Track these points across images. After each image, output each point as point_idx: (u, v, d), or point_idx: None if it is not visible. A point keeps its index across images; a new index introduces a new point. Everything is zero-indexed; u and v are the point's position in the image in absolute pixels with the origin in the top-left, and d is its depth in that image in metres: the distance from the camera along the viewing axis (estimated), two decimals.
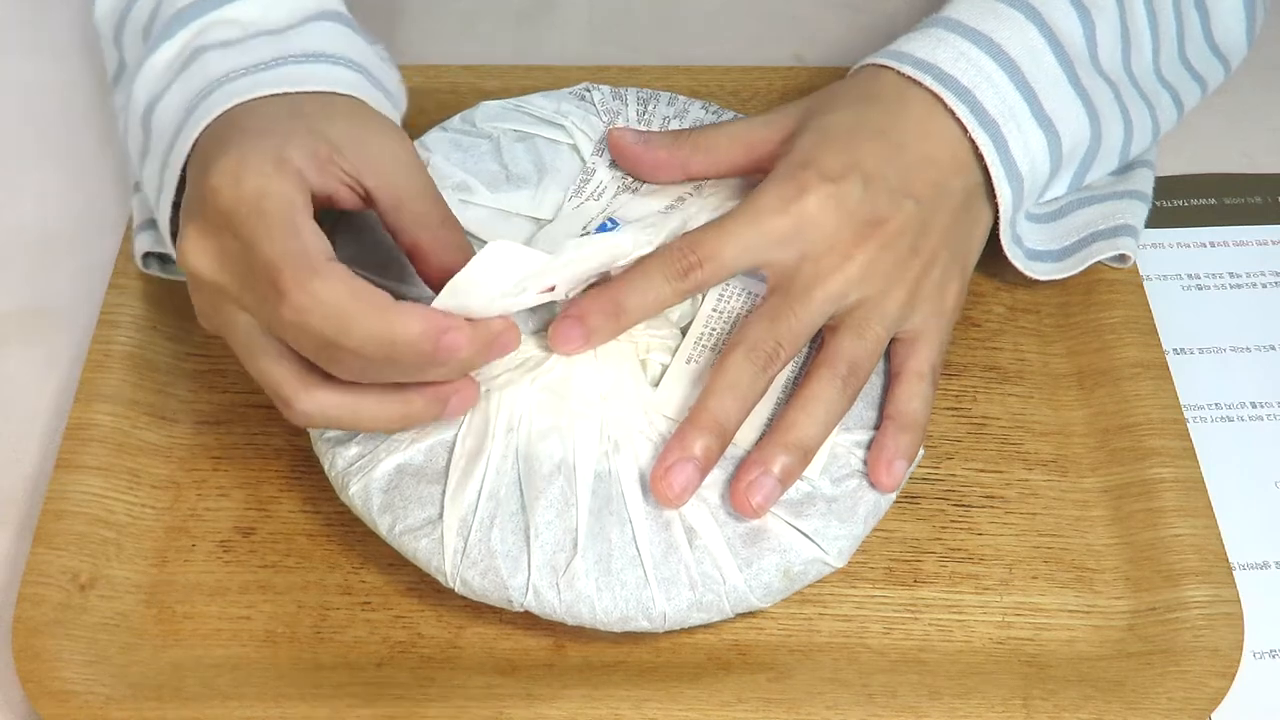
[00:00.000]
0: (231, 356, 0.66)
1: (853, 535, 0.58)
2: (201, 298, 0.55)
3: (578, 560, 0.55)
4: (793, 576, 0.57)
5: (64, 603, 0.58)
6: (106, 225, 0.72)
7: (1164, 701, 0.56)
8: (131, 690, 0.56)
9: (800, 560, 0.57)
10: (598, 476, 0.57)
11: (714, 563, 0.56)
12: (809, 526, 0.57)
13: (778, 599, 0.57)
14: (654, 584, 0.55)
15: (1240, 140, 0.77)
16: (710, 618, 0.56)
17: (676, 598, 0.55)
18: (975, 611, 0.59)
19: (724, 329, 0.60)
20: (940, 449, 0.64)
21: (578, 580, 0.55)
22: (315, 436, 0.59)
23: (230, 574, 0.60)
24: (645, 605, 0.55)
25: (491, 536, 0.56)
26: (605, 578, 0.55)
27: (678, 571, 0.56)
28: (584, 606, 0.55)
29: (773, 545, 0.56)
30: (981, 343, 0.67)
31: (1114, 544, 0.61)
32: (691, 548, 0.56)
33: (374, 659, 0.58)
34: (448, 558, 0.56)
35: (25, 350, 0.68)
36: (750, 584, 0.56)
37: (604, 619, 0.55)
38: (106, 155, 0.75)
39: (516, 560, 0.55)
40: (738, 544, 0.56)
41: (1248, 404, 0.67)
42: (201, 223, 0.53)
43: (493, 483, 0.56)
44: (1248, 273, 0.72)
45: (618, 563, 0.55)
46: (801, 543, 0.57)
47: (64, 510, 0.60)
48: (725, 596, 0.56)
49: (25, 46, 0.81)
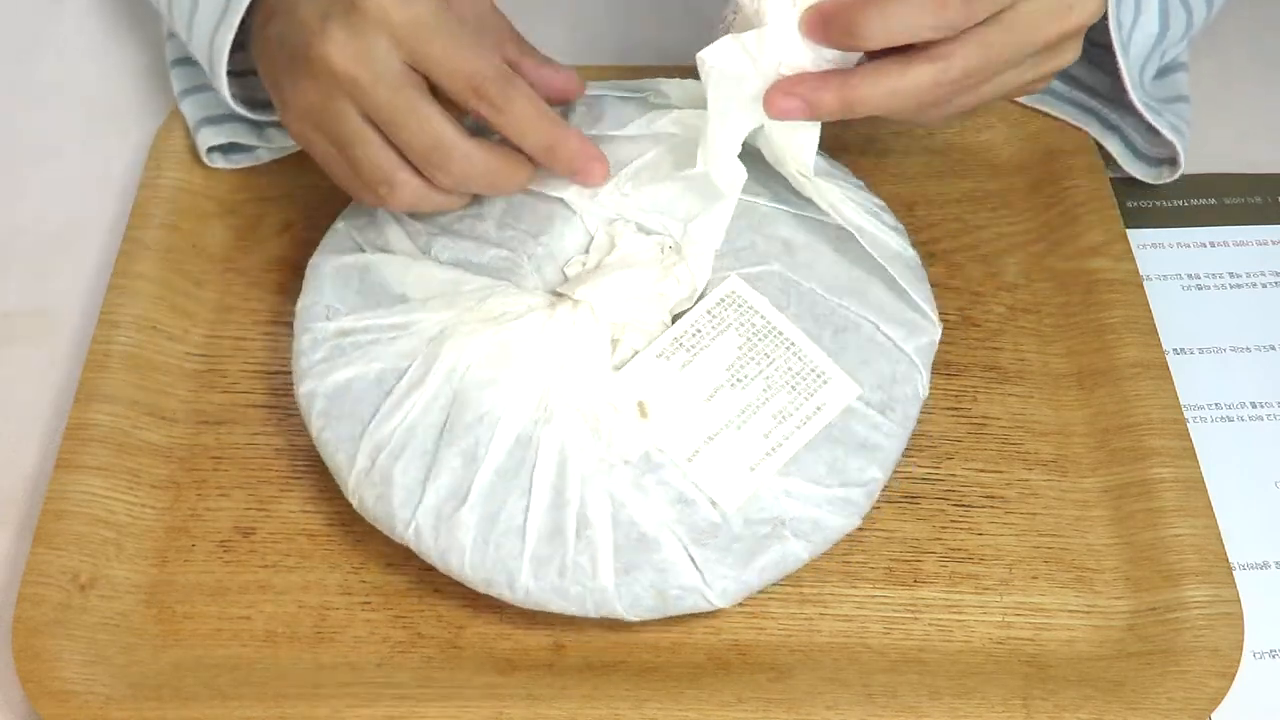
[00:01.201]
0: (231, 356, 0.66)
1: (741, 581, 0.56)
2: (313, 92, 0.58)
3: (464, 511, 0.56)
4: (667, 599, 0.56)
5: (64, 603, 0.58)
6: (106, 225, 0.72)
7: (1164, 701, 0.56)
8: (131, 690, 0.56)
9: (678, 585, 0.56)
10: (518, 440, 0.57)
11: (592, 558, 0.56)
12: (700, 556, 0.56)
13: (647, 616, 0.56)
14: (526, 559, 0.56)
15: (1240, 140, 0.77)
16: (569, 609, 0.56)
17: (543, 579, 0.56)
18: (975, 611, 0.59)
19: (708, 338, 0.60)
20: (940, 449, 0.64)
21: (458, 530, 0.56)
22: (299, 332, 0.62)
23: (230, 574, 0.60)
24: (511, 575, 0.56)
25: (396, 466, 0.57)
26: (484, 537, 0.56)
27: (553, 554, 0.56)
28: (455, 557, 0.56)
29: (658, 562, 0.56)
30: (981, 343, 0.67)
31: (1114, 544, 0.61)
32: (577, 537, 0.56)
33: (374, 659, 0.58)
34: (353, 473, 0.58)
35: (25, 350, 0.68)
36: (620, 590, 0.56)
37: (470, 575, 0.56)
38: (107, 155, 0.75)
39: (410, 494, 0.57)
40: (626, 548, 0.56)
41: (1248, 404, 0.67)
42: (353, 24, 0.57)
43: (415, 418, 0.58)
44: (1248, 273, 0.72)
45: (501, 527, 0.56)
46: (688, 569, 0.56)
47: (64, 510, 0.60)
48: (590, 594, 0.56)
49: (26, 47, 0.81)
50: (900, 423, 0.60)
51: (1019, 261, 0.70)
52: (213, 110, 0.71)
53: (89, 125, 0.77)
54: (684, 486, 0.57)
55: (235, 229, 0.71)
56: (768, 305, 0.60)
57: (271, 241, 0.70)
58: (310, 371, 0.60)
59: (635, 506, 0.56)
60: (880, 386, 0.60)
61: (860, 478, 0.58)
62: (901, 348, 0.61)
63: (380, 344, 0.60)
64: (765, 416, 0.58)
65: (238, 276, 0.69)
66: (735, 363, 0.59)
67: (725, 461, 0.57)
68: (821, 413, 0.59)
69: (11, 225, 0.73)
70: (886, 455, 0.59)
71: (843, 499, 0.57)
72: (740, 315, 0.60)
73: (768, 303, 0.61)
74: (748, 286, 0.61)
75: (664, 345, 0.59)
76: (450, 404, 0.58)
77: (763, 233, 0.63)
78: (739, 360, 0.59)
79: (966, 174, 0.73)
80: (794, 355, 0.60)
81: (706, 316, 0.60)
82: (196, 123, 0.71)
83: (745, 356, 0.59)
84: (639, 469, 0.57)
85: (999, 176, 0.73)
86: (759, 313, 0.60)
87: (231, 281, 0.69)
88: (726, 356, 0.59)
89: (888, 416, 0.59)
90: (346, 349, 0.60)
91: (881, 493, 0.61)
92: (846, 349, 0.60)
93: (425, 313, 0.60)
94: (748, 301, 0.61)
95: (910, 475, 0.63)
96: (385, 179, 0.60)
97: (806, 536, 0.57)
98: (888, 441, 0.59)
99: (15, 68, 0.80)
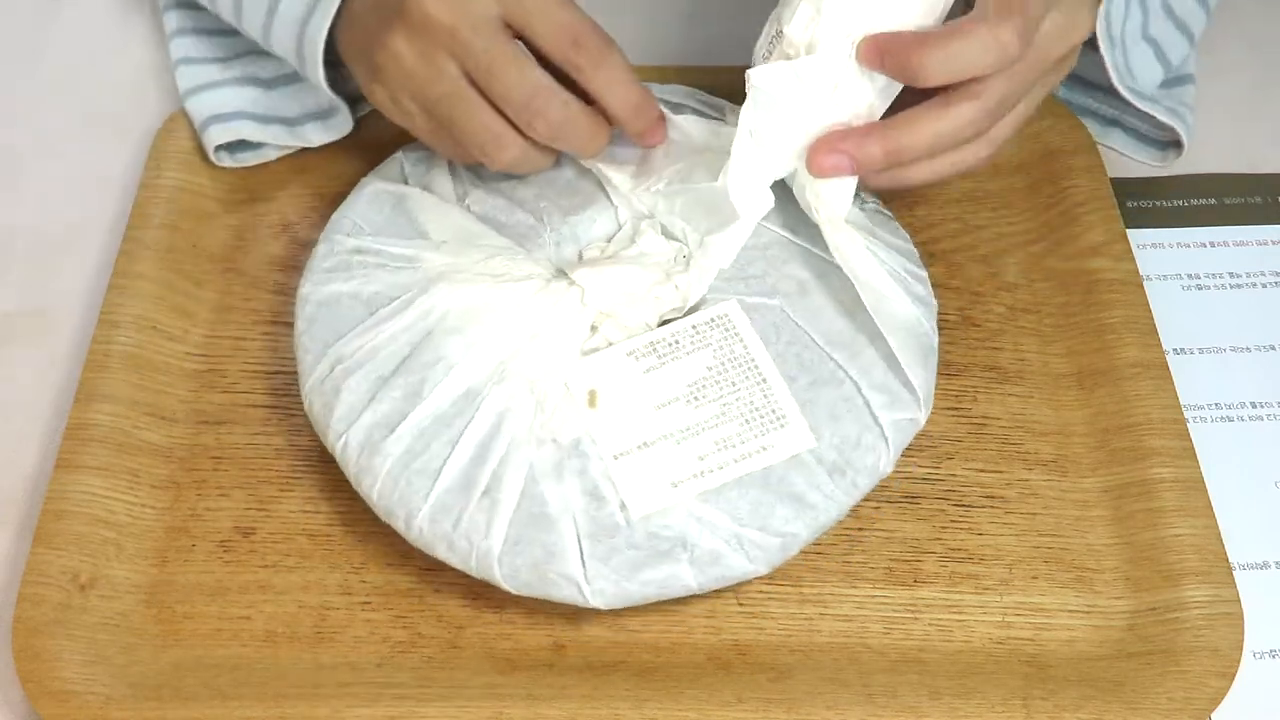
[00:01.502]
0: (231, 356, 0.66)
1: (621, 587, 0.56)
2: (409, 52, 0.60)
3: (390, 442, 0.57)
4: (545, 580, 0.56)
5: (64, 603, 0.58)
6: (106, 225, 0.72)
7: (1164, 701, 0.56)
8: (131, 690, 0.56)
9: (559, 571, 0.55)
10: (467, 392, 0.58)
11: (488, 519, 0.56)
12: (590, 550, 0.56)
13: (521, 590, 0.56)
14: (429, 502, 0.57)
15: (1240, 140, 0.77)
16: (452, 560, 0.57)
17: (438, 524, 0.56)
18: (975, 611, 0.59)
19: (683, 351, 0.60)
20: (940, 449, 0.64)
21: (377, 457, 0.57)
22: (322, 238, 0.64)
23: (230, 574, 0.60)
24: (410, 513, 0.57)
25: (347, 382, 0.59)
26: (400, 470, 0.57)
27: (455, 505, 0.56)
28: (368, 480, 0.58)
29: (548, 543, 0.56)
30: (981, 343, 0.67)
31: (1114, 544, 0.61)
32: (483, 495, 0.56)
33: (374, 659, 0.58)
34: (311, 378, 0.60)
35: (25, 350, 0.68)
36: (503, 557, 0.56)
37: (375, 501, 0.58)
38: (106, 155, 0.75)
39: (351, 411, 0.59)
40: (523, 520, 0.56)
41: (1248, 404, 0.67)
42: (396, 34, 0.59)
43: (380, 343, 0.60)
44: (1248, 273, 0.72)
45: (417, 466, 0.57)
46: (573, 559, 0.56)
47: (64, 510, 0.60)
48: (475, 551, 0.56)
49: (26, 47, 0.81)
50: (845, 490, 0.57)
51: (1019, 261, 0.70)
52: (219, 109, 0.71)
53: (89, 125, 0.77)
54: (601, 482, 0.57)
55: (235, 229, 0.71)
56: (755, 337, 0.60)
57: (271, 241, 0.70)
58: (314, 275, 0.63)
59: (548, 485, 0.57)
60: (839, 448, 0.58)
61: (781, 528, 0.56)
62: (877, 415, 0.59)
63: (385, 270, 0.62)
64: (707, 440, 0.58)
65: (238, 276, 0.69)
66: (699, 381, 0.59)
67: (649, 470, 0.57)
68: (765, 454, 0.57)
69: (11, 225, 0.73)
70: (818, 516, 0.57)
71: (754, 543, 0.56)
72: (723, 338, 0.60)
73: (756, 335, 0.60)
74: (743, 314, 0.61)
75: (638, 345, 0.60)
76: (418, 341, 0.60)
77: (780, 267, 0.62)
78: (704, 380, 0.59)
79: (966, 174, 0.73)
80: (760, 391, 0.59)
81: (690, 330, 0.60)
82: (203, 121, 0.71)
83: (711, 378, 0.59)
84: (565, 452, 0.57)
85: (999, 176, 0.73)
86: (742, 341, 0.60)
87: (231, 281, 0.69)
88: (693, 373, 0.59)
89: (834, 479, 0.57)
90: (353, 265, 0.63)
91: (881, 493, 0.61)
92: (818, 401, 0.59)
93: (435, 253, 0.62)
94: (736, 328, 0.60)
95: (910, 475, 0.63)
96: (493, 137, 0.60)
97: (702, 567, 0.56)
98: (825, 503, 0.57)
99: (15, 67, 0.80)
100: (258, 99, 0.72)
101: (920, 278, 0.63)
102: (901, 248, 0.64)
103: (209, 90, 0.72)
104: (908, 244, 0.65)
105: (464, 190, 0.65)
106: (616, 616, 0.58)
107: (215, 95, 0.72)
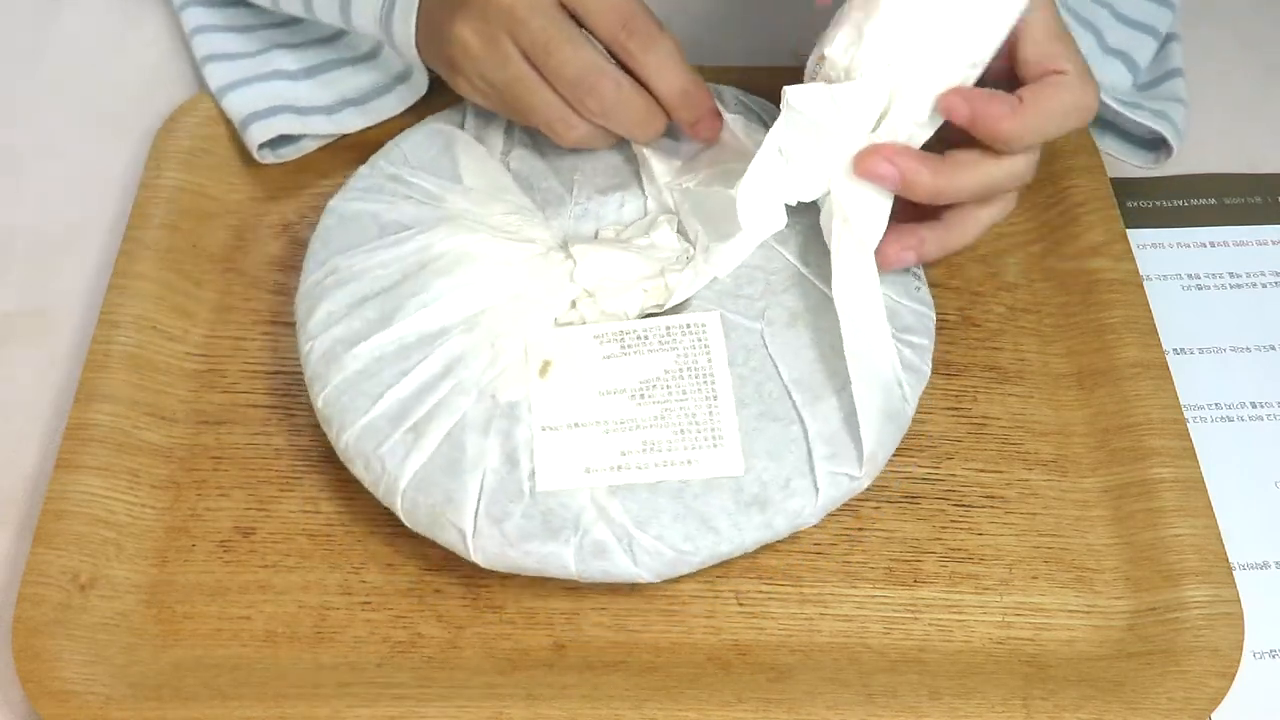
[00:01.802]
0: (231, 356, 0.66)
1: (504, 551, 0.56)
2: (475, 39, 0.61)
3: (347, 357, 0.60)
4: (437, 524, 0.57)
5: (64, 603, 0.58)
6: (106, 225, 0.72)
7: (1164, 701, 0.56)
8: (131, 690, 0.56)
9: (452, 520, 0.56)
10: (436, 331, 0.60)
11: (406, 453, 0.57)
12: (485, 509, 0.56)
13: (414, 528, 0.58)
14: (361, 422, 0.58)
15: (1240, 140, 0.77)
16: (364, 480, 0.58)
17: (361, 444, 0.58)
18: (975, 611, 0.59)
19: (647, 349, 0.60)
20: (940, 449, 0.64)
21: (333, 367, 0.60)
22: (370, 160, 0.67)
23: (230, 574, 0.60)
24: (341, 428, 0.59)
25: (332, 294, 0.62)
26: (346, 386, 0.59)
27: (382, 431, 0.58)
28: (318, 387, 0.60)
29: (451, 490, 0.57)
30: (981, 343, 0.67)
31: (1114, 544, 0.61)
32: (410, 430, 0.58)
33: (374, 659, 0.58)
34: (306, 284, 0.63)
35: (25, 350, 0.68)
36: (406, 492, 0.57)
37: (319, 407, 0.60)
38: (106, 155, 0.75)
39: (328, 319, 0.61)
40: (435, 464, 0.57)
41: (1248, 404, 0.67)
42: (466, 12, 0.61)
43: (372, 266, 0.62)
44: (1248, 273, 0.72)
45: (363, 387, 0.59)
46: (468, 512, 0.56)
47: (64, 510, 0.60)
48: (384, 479, 0.58)
49: (26, 47, 0.81)
50: (757, 526, 0.56)
51: (1019, 261, 0.70)
52: (257, 105, 0.71)
53: (89, 125, 0.77)
54: (521, 447, 0.57)
55: (235, 229, 0.71)
56: (722, 354, 0.60)
57: (271, 241, 0.70)
58: (347, 192, 0.66)
59: (472, 437, 0.58)
60: (765, 484, 0.57)
61: (677, 543, 0.56)
62: (815, 464, 0.57)
63: (410, 201, 0.64)
64: (636, 438, 0.58)
65: (238, 276, 0.69)
66: (651, 380, 0.59)
67: (569, 450, 0.57)
68: (688, 467, 0.57)
69: (11, 225, 0.73)
70: (719, 544, 0.56)
71: (645, 549, 0.56)
72: (690, 346, 0.60)
73: (724, 352, 0.60)
74: (719, 329, 0.60)
75: (607, 331, 0.60)
76: (410, 272, 0.61)
77: (778, 294, 0.62)
78: (656, 381, 0.59)
79: None
80: (706, 407, 0.58)
81: (662, 330, 0.60)
82: (244, 119, 0.71)
83: (664, 381, 0.59)
84: (500, 411, 0.58)
85: None
86: (708, 355, 0.60)
87: (231, 281, 0.69)
88: (648, 372, 0.59)
89: (748, 512, 0.57)
90: (384, 190, 0.65)
91: (881, 493, 0.61)
92: (762, 433, 0.58)
93: (460, 198, 0.64)
94: (707, 340, 0.60)
95: (910, 475, 0.63)
96: (558, 116, 0.62)
97: (585, 556, 0.56)
98: (730, 532, 0.56)
99: (15, 67, 0.80)
100: (293, 91, 0.72)
101: (922, 348, 0.62)
102: (912, 291, 0.63)
103: (244, 87, 0.72)
104: (927, 314, 0.63)
105: (510, 147, 0.67)
106: (616, 616, 0.58)
107: (251, 91, 0.72)
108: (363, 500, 0.60)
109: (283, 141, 0.72)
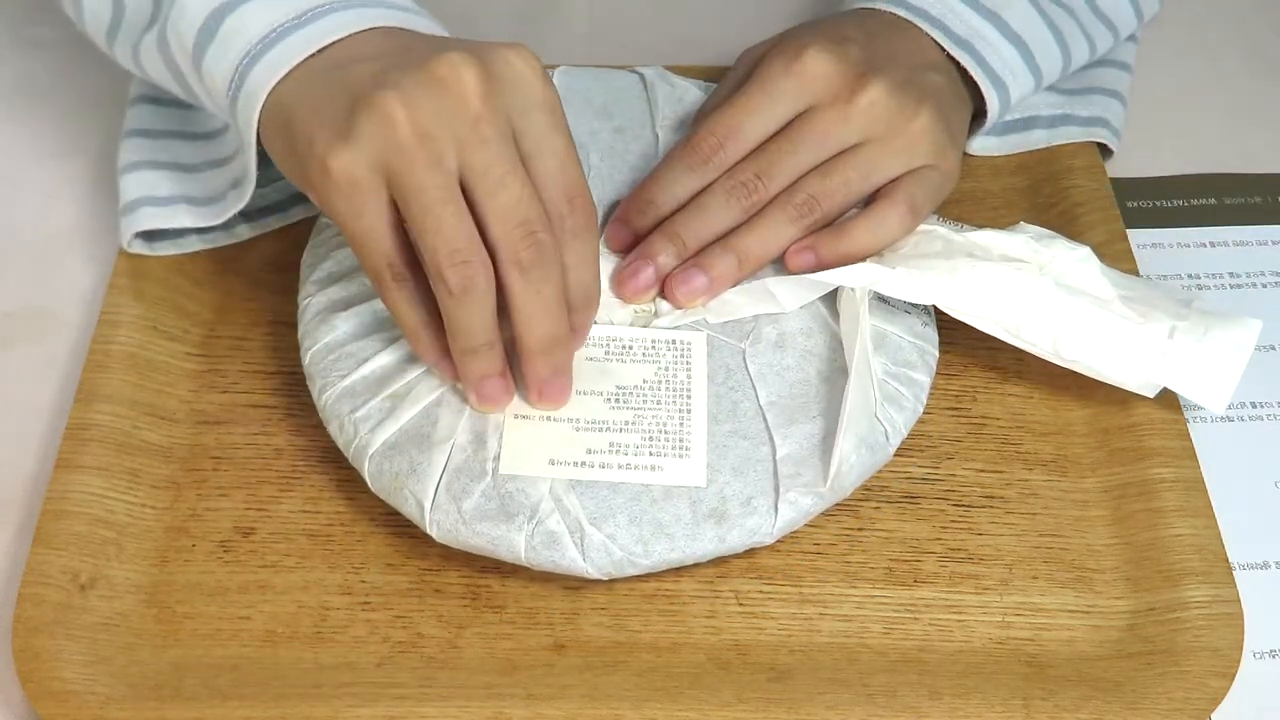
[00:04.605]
0: (231, 356, 0.66)
1: (458, 528, 0.57)
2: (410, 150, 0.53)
3: (340, 318, 0.61)
4: (397, 493, 0.58)
5: (64, 603, 0.58)
6: (106, 225, 0.72)
7: (1164, 701, 0.56)
8: (131, 690, 0.56)
9: (412, 491, 0.57)
10: None
11: (379, 422, 0.59)
12: (447, 485, 0.57)
13: (378, 494, 0.59)
14: (341, 386, 0.60)
15: (1240, 140, 0.77)
16: (337, 441, 0.60)
17: (338, 407, 0.59)
18: (975, 611, 0.59)
19: (629, 357, 0.60)
20: (940, 449, 0.64)
21: (323, 327, 0.61)
22: None
23: (230, 574, 0.60)
24: (323, 388, 0.60)
25: (335, 253, 0.64)
26: (334, 346, 0.61)
27: (360, 396, 0.59)
28: (307, 345, 0.61)
29: (417, 462, 0.57)
30: (981, 342, 0.67)
31: (1114, 544, 0.61)
32: (386, 399, 0.59)
33: (374, 659, 0.58)
34: (314, 240, 0.66)
35: (25, 350, 0.68)
36: (374, 459, 0.58)
37: (305, 364, 0.61)
38: (106, 155, 0.75)
39: (326, 278, 0.63)
40: (406, 435, 0.58)
41: (1248, 404, 0.67)
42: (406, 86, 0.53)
43: None
44: (1248, 273, 0.72)
45: (348, 350, 0.60)
46: (429, 485, 0.57)
47: (64, 510, 0.60)
48: (354, 443, 0.59)
49: (26, 47, 0.81)
50: (711, 539, 0.57)
51: None
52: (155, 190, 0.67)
53: (89, 125, 0.77)
54: (490, 430, 0.58)
55: None
56: (702, 371, 0.60)
57: (271, 242, 0.70)
58: None
59: (445, 413, 0.58)
60: (725, 499, 0.57)
61: (628, 544, 0.56)
62: (780, 485, 0.58)
63: None
64: (604, 439, 0.58)
65: (238, 276, 0.69)
66: (628, 388, 0.60)
67: (537, 440, 0.58)
68: (651, 473, 0.58)
69: (11, 225, 0.73)
70: (670, 551, 0.57)
71: (596, 546, 0.56)
72: (671, 361, 0.61)
73: (704, 370, 0.60)
74: (704, 348, 0.61)
75: (593, 335, 0.61)
76: None
77: (774, 318, 0.62)
78: (633, 389, 0.60)
79: (967, 174, 0.73)
80: (678, 419, 0.59)
81: (647, 343, 0.61)
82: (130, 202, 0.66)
83: (639, 390, 0.60)
84: None
85: (999, 176, 0.73)
86: (689, 370, 0.60)
87: (231, 281, 0.69)
88: (627, 379, 0.60)
89: (703, 524, 0.57)
90: None
91: (881, 493, 0.61)
92: (731, 450, 0.58)
93: None
94: (689, 358, 0.61)
95: (910, 475, 0.63)
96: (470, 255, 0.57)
97: (536, 545, 0.56)
98: (684, 542, 0.57)
99: (15, 67, 0.80)
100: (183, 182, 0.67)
101: (918, 383, 0.62)
102: (917, 342, 0.63)
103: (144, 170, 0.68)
104: (929, 350, 0.63)
105: None
106: (616, 616, 0.58)
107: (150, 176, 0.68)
108: (363, 500, 0.60)
109: (159, 236, 0.68)
